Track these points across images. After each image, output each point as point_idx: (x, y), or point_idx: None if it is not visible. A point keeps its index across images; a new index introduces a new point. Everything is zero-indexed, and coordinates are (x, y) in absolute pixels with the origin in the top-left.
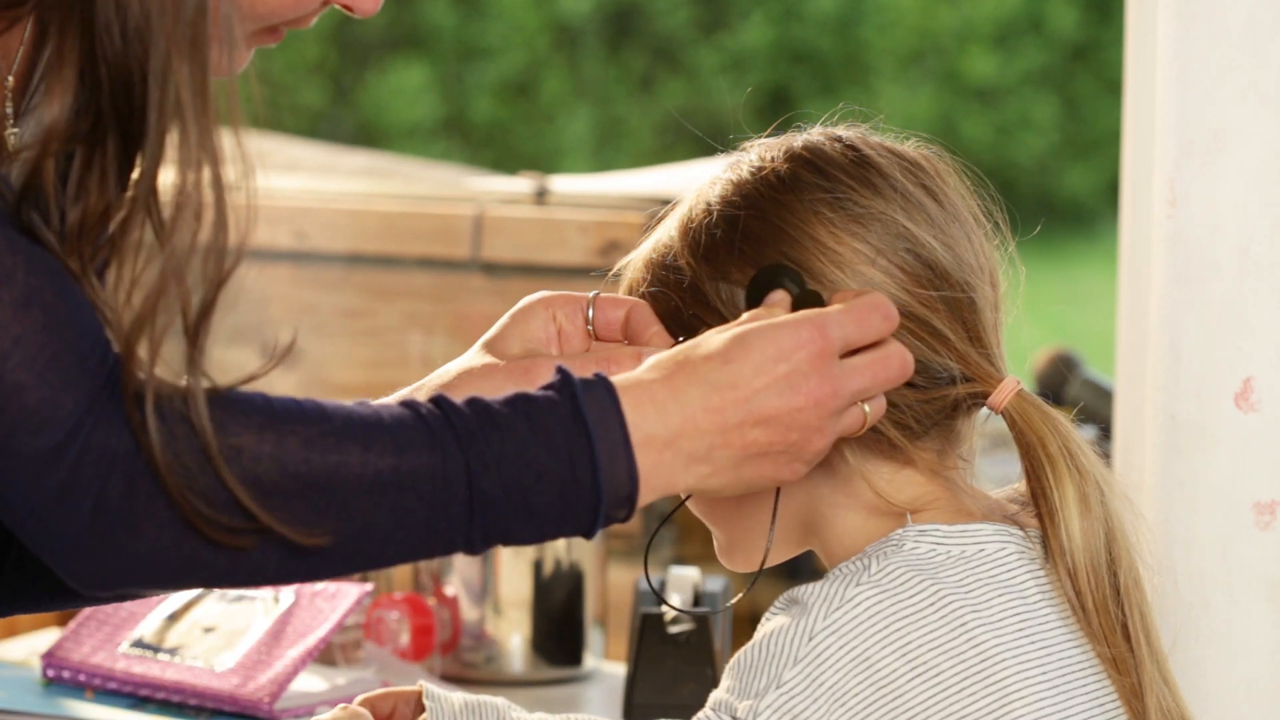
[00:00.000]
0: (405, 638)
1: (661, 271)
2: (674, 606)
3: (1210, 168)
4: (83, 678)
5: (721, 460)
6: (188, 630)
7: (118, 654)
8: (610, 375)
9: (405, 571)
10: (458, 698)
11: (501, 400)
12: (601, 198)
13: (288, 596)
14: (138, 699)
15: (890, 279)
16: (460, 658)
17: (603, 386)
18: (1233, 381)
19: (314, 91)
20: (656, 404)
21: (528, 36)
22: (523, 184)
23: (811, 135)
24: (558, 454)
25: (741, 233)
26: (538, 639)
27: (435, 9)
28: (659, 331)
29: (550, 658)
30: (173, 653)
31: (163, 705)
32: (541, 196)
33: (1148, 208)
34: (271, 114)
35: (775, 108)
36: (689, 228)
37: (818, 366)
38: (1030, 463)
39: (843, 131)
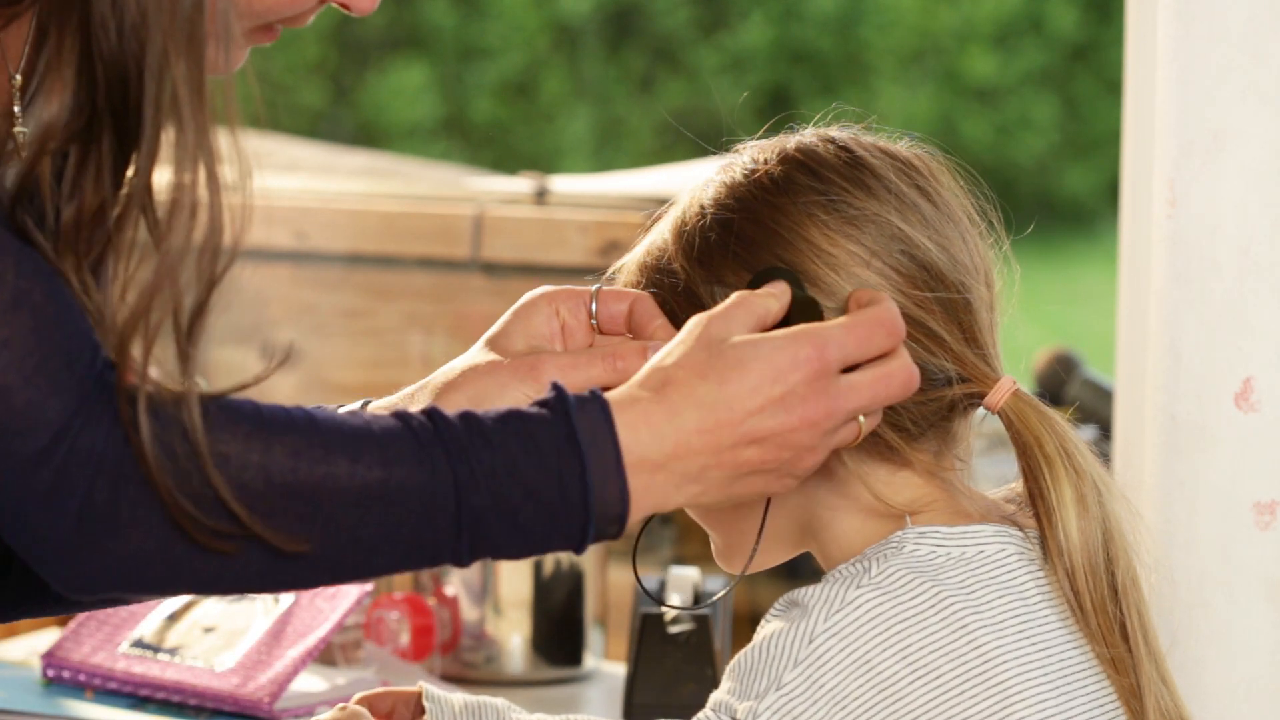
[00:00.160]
0: (405, 638)
1: (656, 275)
2: (668, 604)
3: (1210, 168)
4: (83, 678)
5: (714, 479)
6: (188, 630)
7: (118, 654)
8: (616, 371)
9: None
10: (458, 699)
11: (494, 415)
12: (601, 198)
13: (288, 597)
14: (138, 699)
15: (885, 281)
16: (460, 658)
17: (597, 405)
18: (1233, 381)
19: (314, 91)
20: (651, 426)
21: (528, 36)
22: (523, 184)
23: (804, 137)
24: (548, 473)
25: (735, 236)
26: (538, 639)
27: (435, 9)
28: (663, 324)
29: (550, 658)
30: (173, 653)
31: (163, 705)
32: (541, 196)
33: (1148, 208)
34: (270, 113)
35: (775, 108)
36: (682, 231)
37: (814, 388)
38: (1027, 463)
39: (836, 132)
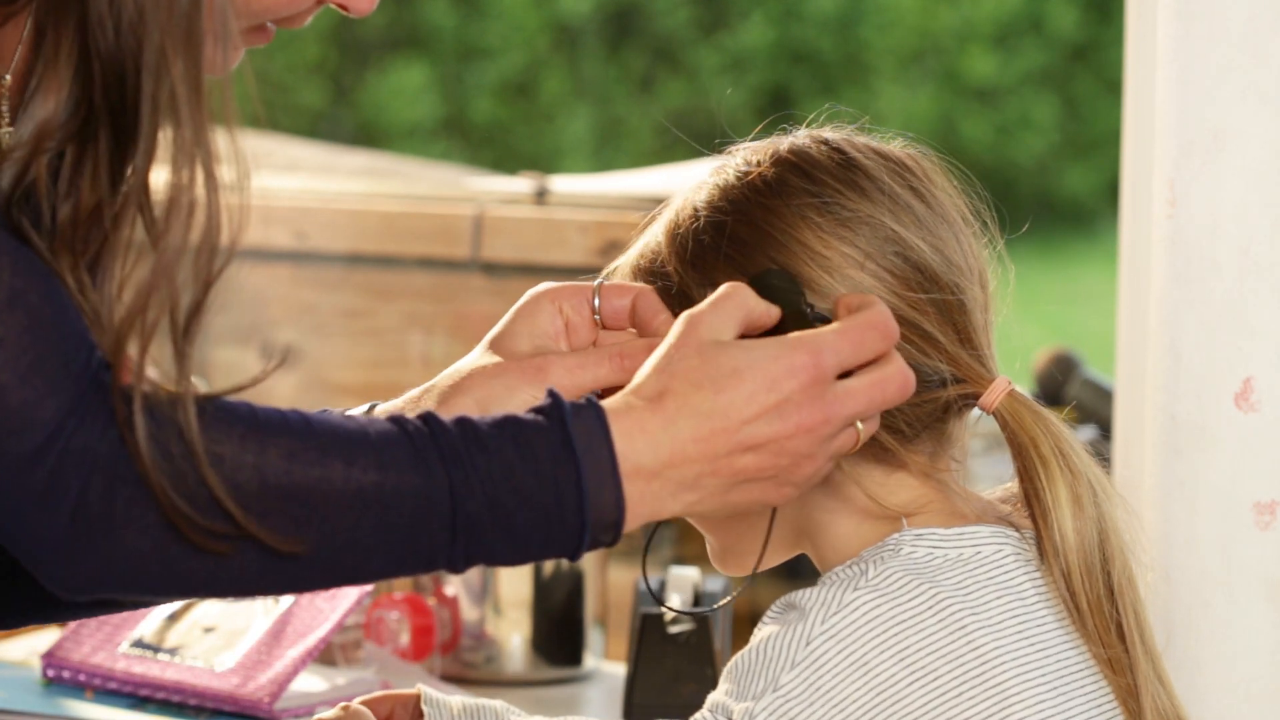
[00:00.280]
0: (405, 638)
1: (649, 277)
2: (671, 608)
3: (1210, 168)
4: (83, 678)
5: (710, 487)
6: (188, 630)
7: (118, 654)
8: (623, 370)
9: None
10: (456, 701)
11: (490, 422)
12: (601, 198)
13: (288, 597)
14: (138, 699)
15: (879, 283)
16: (460, 658)
17: (593, 413)
18: (1233, 381)
19: (314, 91)
20: (647, 435)
21: (528, 36)
22: (523, 184)
23: (797, 138)
24: (544, 479)
25: (729, 238)
26: (538, 639)
27: (435, 9)
28: (667, 319)
29: (550, 658)
30: (173, 653)
31: (163, 705)
32: (541, 196)
33: (1148, 208)
34: (269, 113)
35: (775, 108)
36: (676, 234)
37: (810, 395)
38: (1023, 463)
39: (828, 134)
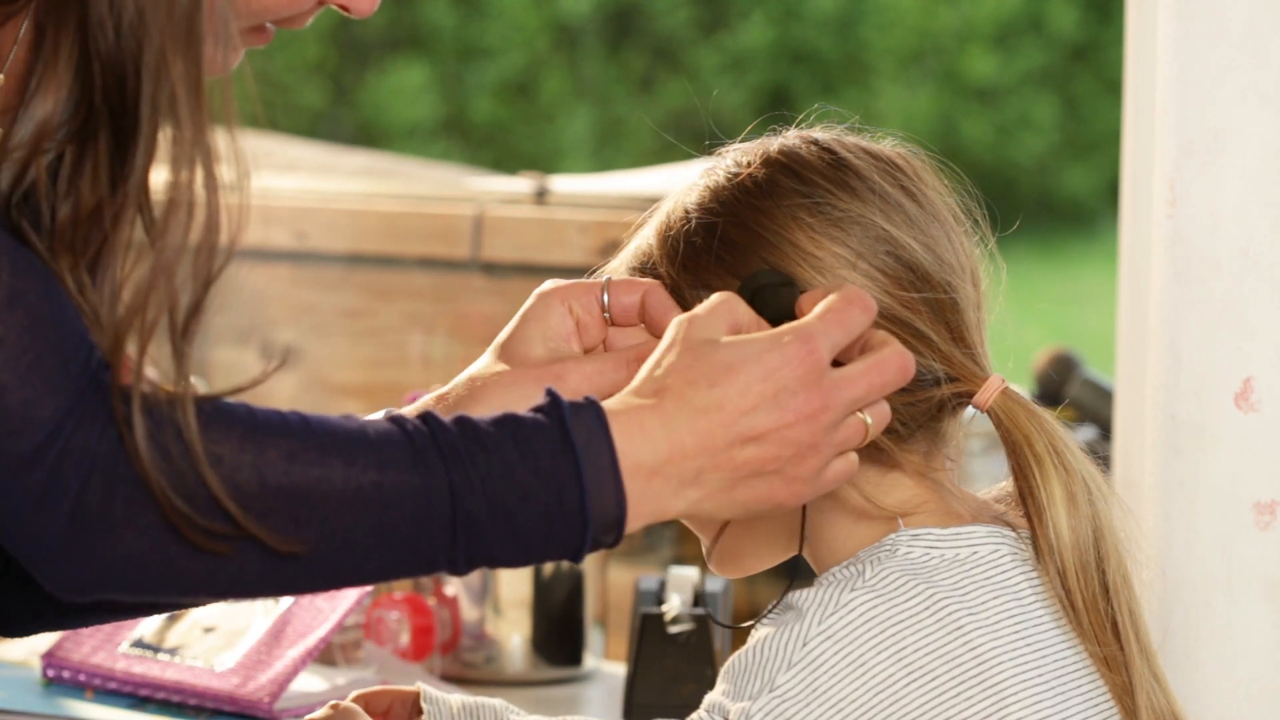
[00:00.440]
0: (405, 638)
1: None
2: (721, 623)
3: (1210, 168)
4: (83, 678)
5: (713, 483)
6: (188, 630)
7: (118, 654)
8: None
9: None
10: (455, 700)
11: (490, 420)
12: (601, 198)
13: (287, 597)
14: (138, 699)
15: (871, 282)
16: (460, 658)
17: (592, 411)
18: (1233, 381)
19: (314, 91)
20: (646, 432)
21: (528, 36)
22: (523, 184)
23: (787, 139)
24: (544, 477)
25: (720, 240)
26: (538, 639)
27: (435, 9)
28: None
29: (550, 658)
30: (173, 653)
31: (163, 705)
32: (541, 196)
33: (1148, 208)
34: (269, 113)
35: (775, 108)
36: (667, 236)
37: (806, 382)
38: (1017, 461)
39: (819, 134)
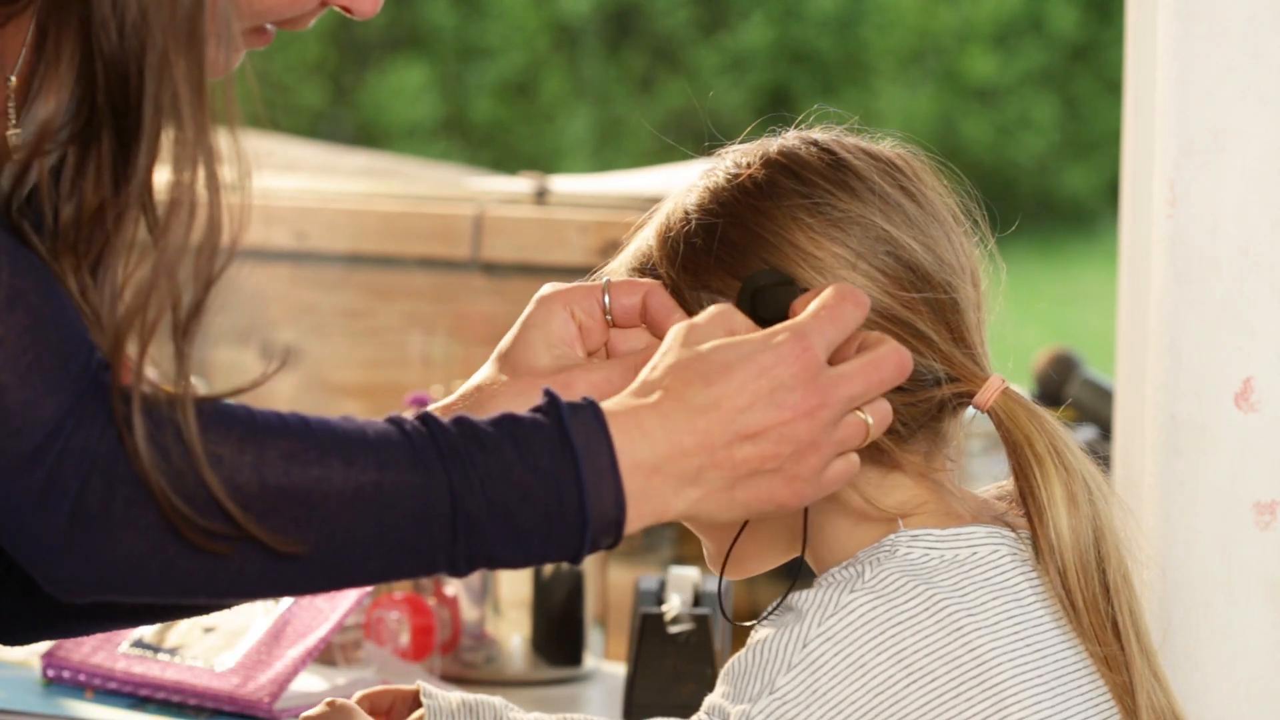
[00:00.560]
0: (405, 638)
1: None
2: (727, 617)
3: (1210, 168)
4: (83, 678)
5: (713, 482)
6: (188, 630)
7: (118, 654)
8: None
9: None
10: (455, 696)
11: (488, 420)
12: (601, 198)
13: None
14: (138, 699)
15: (871, 282)
16: (460, 658)
17: (590, 411)
18: (1233, 381)
19: (314, 91)
20: (643, 429)
21: (528, 36)
22: (523, 184)
23: (787, 140)
24: (543, 476)
25: (720, 241)
26: (538, 639)
27: (435, 9)
28: (680, 319)
29: (550, 658)
30: (173, 653)
31: (163, 705)
32: (541, 196)
33: (1148, 208)
34: (270, 113)
35: (775, 108)
36: (667, 237)
37: (802, 378)
38: (1017, 461)
39: (818, 135)
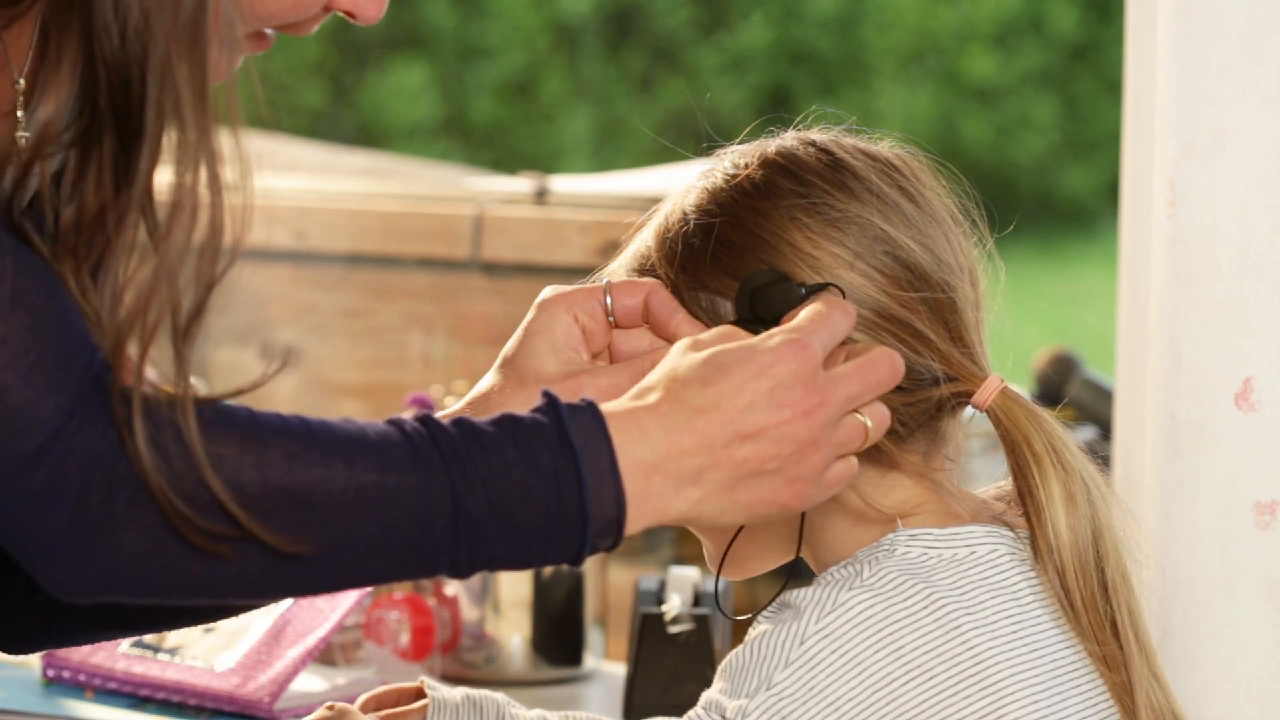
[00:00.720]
0: (405, 638)
1: None
2: (725, 613)
3: (1210, 168)
4: (83, 678)
5: (713, 482)
6: (188, 630)
7: (118, 654)
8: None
9: None
10: (459, 691)
11: (488, 420)
12: (601, 198)
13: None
14: (138, 699)
15: (870, 282)
16: (460, 658)
17: (589, 411)
18: (1233, 381)
19: (314, 91)
20: (642, 429)
21: (528, 36)
22: (523, 184)
23: (785, 140)
24: (544, 475)
25: (718, 241)
26: (538, 639)
27: (435, 9)
28: (683, 319)
29: (550, 658)
30: (173, 653)
31: (163, 705)
32: (541, 196)
33: (1148, 208)
34: (271, 114)
35: (775, 108)
36: (665, 238)
37: (801, 377)
38: (1016, 460)
39: (816, 135)
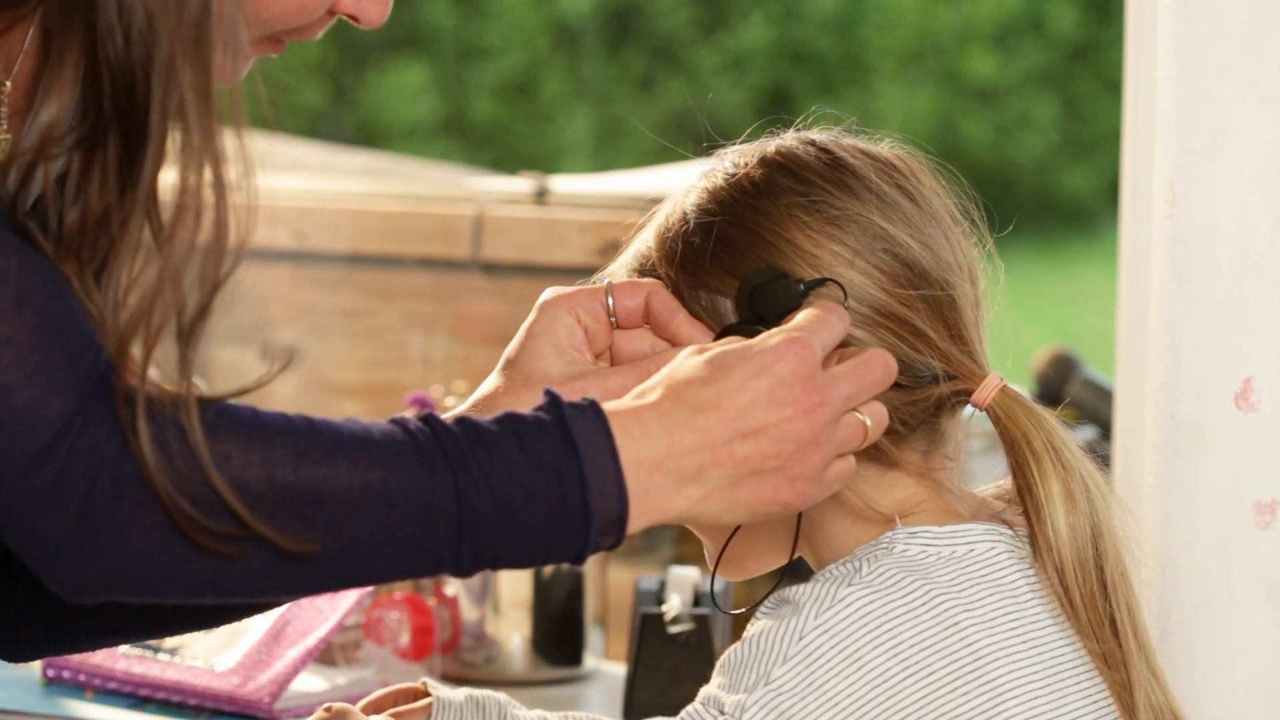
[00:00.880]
0: (405, 638)
1: None
2: (722, 609)
3: (1210, 168)
4: (83, 678)
5: (714, 480)
6: None
7: (118, 654)
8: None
9: None
10: (461, 691)
11: (491, 419)
12: (601, 198)
13: None
14: (138, 699)
15: (869, 280)
16: (460, 658)
17: (591, 410)
18: (1233, 381)
19: (314, 91)
20: (644, 427)
21: (528, 36)
22: (523, 184)
23: (785, 140)
24: (547, 473)
25: (718, 240)
26: (538, 639)
27: (435, 9)
28: (685, 319)
29: (550, 658)
30: (173, 652)
31: (163, 705)
32: (541, 196)
33: (1148, 208)
34: (273, 114)
35: (775, 108)
36: (665, 238)
37: (801, 375)
38: (1015, 459)
39: (816, 135)
